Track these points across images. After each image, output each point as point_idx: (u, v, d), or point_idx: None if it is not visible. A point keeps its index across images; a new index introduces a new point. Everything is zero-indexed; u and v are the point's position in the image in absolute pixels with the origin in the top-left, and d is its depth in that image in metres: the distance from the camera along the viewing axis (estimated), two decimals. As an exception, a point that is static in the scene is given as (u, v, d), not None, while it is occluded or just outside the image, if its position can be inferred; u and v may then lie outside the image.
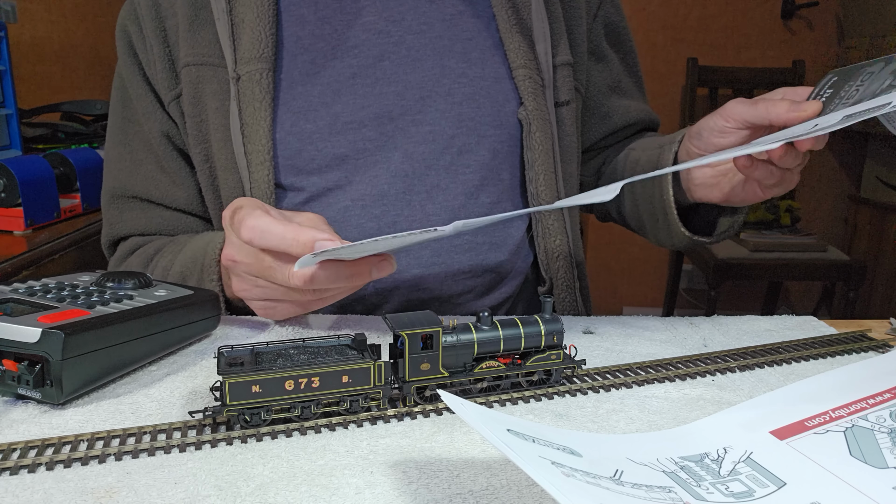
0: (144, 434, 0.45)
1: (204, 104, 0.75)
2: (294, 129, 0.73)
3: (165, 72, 0.77)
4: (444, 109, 0.75)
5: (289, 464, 0.42)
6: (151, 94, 0.80)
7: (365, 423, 0.47)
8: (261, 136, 0.71)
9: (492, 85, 0.76)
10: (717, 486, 0.38)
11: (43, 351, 0.47)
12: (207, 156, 0.77)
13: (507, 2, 0.77)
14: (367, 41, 0.75)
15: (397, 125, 0.74)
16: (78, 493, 0.38)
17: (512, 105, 0.77)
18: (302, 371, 0.45)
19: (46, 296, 0.55)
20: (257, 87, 0.71)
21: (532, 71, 0.77)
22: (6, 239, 1.10)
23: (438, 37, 0.76)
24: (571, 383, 0.53)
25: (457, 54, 0.76)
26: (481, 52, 0.77)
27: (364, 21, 0.75)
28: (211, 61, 0.75)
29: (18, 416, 0.47)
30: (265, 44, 0.72)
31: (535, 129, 0.76)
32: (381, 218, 0.74)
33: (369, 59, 0.74)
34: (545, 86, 0.78)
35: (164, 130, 0.80)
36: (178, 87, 0.78)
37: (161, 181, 0.81)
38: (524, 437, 0.37)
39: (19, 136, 1.37)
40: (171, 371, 0.55)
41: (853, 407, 0.44)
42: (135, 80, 0.80)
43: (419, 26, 0.76)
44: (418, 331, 0.48)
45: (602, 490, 0.34)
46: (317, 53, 0.74)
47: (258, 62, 0.72)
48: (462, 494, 0.39)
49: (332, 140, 0.73)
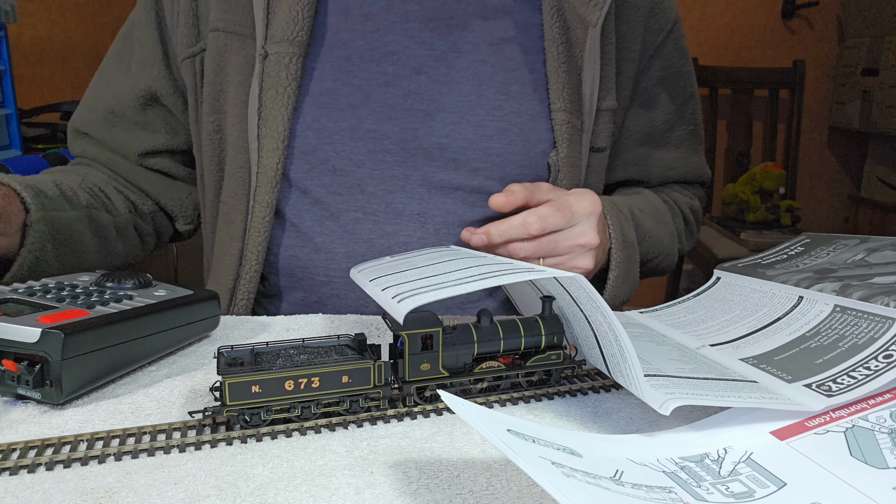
0: (144, 434, 0.45)
1: (226, 74, 0.73)
2: (315, 124, 0.71)
3: (188, 27, 0.74)
4: (472, 140, 0.72)
5: (289, 464, 0.42)
6: (159, 46, 0.77)
7: (365, 423, 0.47)
8: (277, 123, 0.69)
9: (527, 123, 0.73)
10: (718, 486, 0.38)
11: (42, 351, 0.47)
12: (220, 126, 0.75)
13: (560, 37, 0.73)
14: (407, 49, 0.72)
15: (421, 145, 0.72)
16: (78, 494, 0.38)
17: (544, 146, 0.73)
18: (302, 371, 0.45)
19: (46, 296, 0.55)
20: (284, 71, 0.69)
21: (572, 115, 0.73)
22: (6, 239, 1.10)
23: (482, 61, 0.72)
24: (571, 383, 0.53)
25: (497, 84, 0.72)
26: (521, 86, 0.73)
27: (409, 27, 0.72)
28: (241, 31, 0.71)
29: (18, 416, 0.47)
30: (301, 26, 0.69)
31: (563, 176, 0.74)
32: (393, 236, 0.72)
33: (406, 70, 0.72)
34: (584, 130, 0.75)
35: (154, 88, 0.78)
36: (197, 44, 0.75)
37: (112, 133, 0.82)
38: (524, 437, 0.37)
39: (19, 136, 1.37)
40: (171, 371, 0.55)
41: (853, 407, 0.44)
42: (147, 26, 0.77)
43: (464, 45, 0.72)
44: (418, 331, 0.48)
45: (602, 490, 0.34)
46: (354, 51, 0.71)
47: (290, 45, 0.69)
48: (462, 494, 0.39)
49: (351, 144, 0.71)
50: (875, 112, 2.33)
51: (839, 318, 0.51)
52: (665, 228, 0.85)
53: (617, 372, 0.47)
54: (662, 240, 0.84)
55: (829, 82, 2.64)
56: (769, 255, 0.69)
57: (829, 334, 0.50)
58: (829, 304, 0.53)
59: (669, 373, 0.47)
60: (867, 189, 2.58)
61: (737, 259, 0.70)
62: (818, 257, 0.65)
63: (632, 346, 0.43)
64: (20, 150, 1.37)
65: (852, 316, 0.51)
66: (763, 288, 0.60)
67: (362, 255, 0.73)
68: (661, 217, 0.85)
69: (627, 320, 0.63)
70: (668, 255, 0.87)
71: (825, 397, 0.44)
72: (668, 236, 0.86)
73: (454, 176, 0.72)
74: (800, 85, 2.43)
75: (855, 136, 2.63)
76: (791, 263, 0.65)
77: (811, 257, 0.65)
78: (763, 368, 0.49)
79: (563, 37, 0.73)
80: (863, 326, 0.49)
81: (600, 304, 0.45)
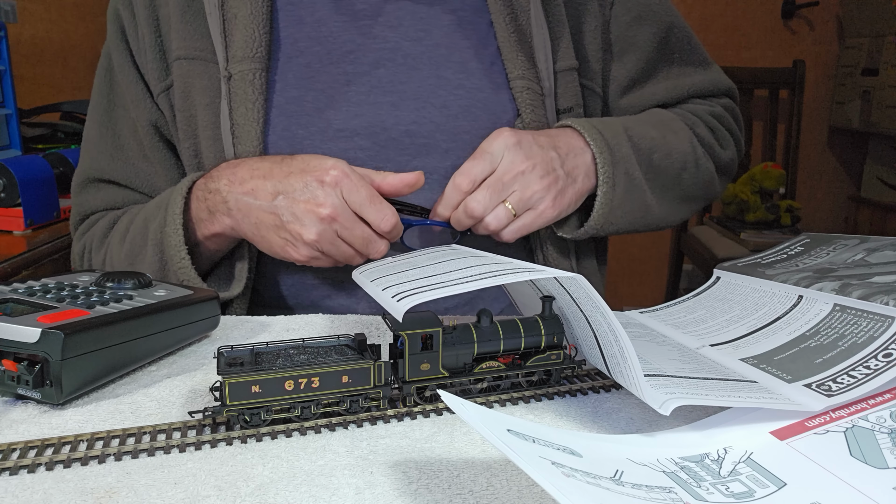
0: (144, 434, 0.45)
1: (193, 99, 0.74)
2: (286, 133, 0.72)
3: (156, 62, 0.76)
4: (439, 122, 0.73)
5: (289, 464, 0.42)
6: (141, 82, 0.78)
7: (365, 423, 0.47)
8: (252, 138, 0.70)
9: (489, 97, 0.74)
10: (718, 486, 0.38)
11: (42, 351, 0.47)
12: (196, 151, 0.76)
13: (505, 9, 0.75)
14: (363, 46, 0.73)
15: (391, 135, 0.73)
16: (77, 494, 0.38)
17: (509, 116, 0.75)
18: (302, 371, 0.45)
19: (46, 296, 0.55)
20: (250, 87, 0.70)
21: (531, 81, 0.74)
22: (6, 239, 1.10)
23: (436, 45, 0.74)
24: (571, 383, 0.53)
25: (454, 64, 0.74)
26: (479, 62, 0.75)
27: (361, 24, 0.74)
28: (202, 56, 0.73)
29: (18, 416, 0.47)
30: (259, 43, 0.71)
31: None
32: None
33: (365, 66, 0.73)
34: (545, 94, 0.76)
35: (153, 120, 0.79)
36: (168, 78, 0.76)
37: (143, 170, 0.81)
38: (524, 437, 0.37)
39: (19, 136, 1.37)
40: (171, 371, 0.55)
41: (853, 407, 0.44)
42: (125, 66, 0.78)
43: (416, 33, 0.74)
44: (418, 331, 0.48)
45: (602, 490, 0.34)
46: (312, 57, 0.73)
47: (251, 62, 0.70)
48: (462, 494, 0.39)
49: (323, 147, 0.72)
50: (875, 112, 2.33)
51: (839, 317, 0.51)
52: (675, 135, 0.81)
53: (617, 372, 0.47)
54: (670, 142, 0.80)
55: (829, 82, 2.64)
56: (769, 254, 0.69)
57: (828, 333, 0.50)
58: (828, 303, 0.53)
59: (669, 373, 0.47)
60: (867, 189, 2.58)
61: (737, 259, 0.70)
62: (818, 257, 0.65)
63: (632, 346, 0.43)
64: (20, 150, 1.37)
65: (852, 315, 0.51)
66: (763, 287, 0.60)
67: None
68: (664, 123, 0.82)
69: (627, 320, 0.63)
70: (685, 159, 0.82)
71: (825, 397, 0.44)
72: (681, 142, 0.82)
73: (427, 161, 0.73)
74: (800, 85, 2.43)
75: (855, 136, 2.63)
76: (791, 263, 0.65)
77: (811, 257, 0.65)
78: (763, 368, 0.49)
79: (507, 8, 0.75)
80: (862, 325, 0.49)
81: (600, 304, 0.45)
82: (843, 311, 0.51)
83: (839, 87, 2.56)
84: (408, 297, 0.44)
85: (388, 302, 0.45)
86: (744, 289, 0.61)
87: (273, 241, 0.65)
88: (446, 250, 0.60)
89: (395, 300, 0.44)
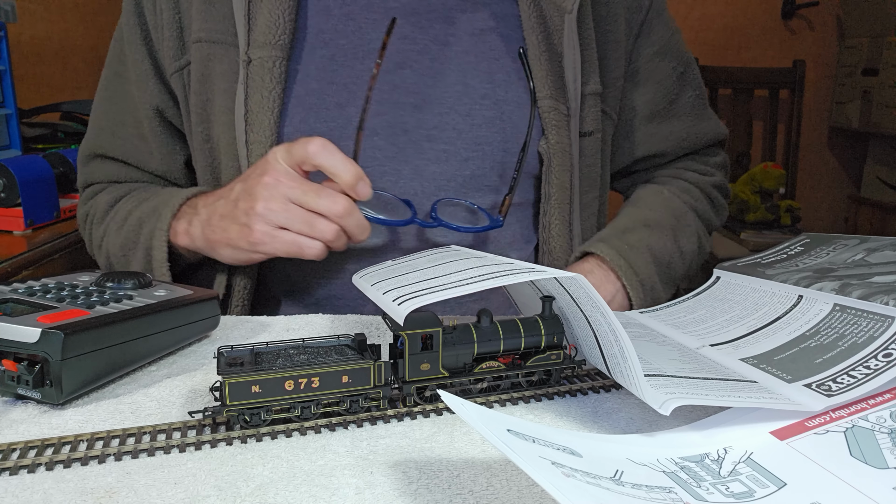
0: (144, 434, 0.45)
1: (211, 84, 0.73)
2: (303, 125, 0.71)
3: (173, 40, 0.75)
4: (461, 130, 0.72)
5: (289, 464, 0.42)
6: (149, 61, 0.77)
7: (365, 423, 0.47)
8: (265, 128, 0.69)
9: (515, 111, 0.74)
10: (718, 486, 0.38)
11: (42, 351, 0.47)
12: (209, 136, 0.75)
13: (538, 26, 0.73)
14: (390, 45, 0.71)
15: (411, 138, 0.72)
16: (77, 494, 0.38)
17: (535, 134, 0.73)
18: (302, 371, 0.45)
19: (46, 296, 0.55)
20: (268, 75, 0.69)
21: (558, 101, 0.74)
22: (6, 239, 1.10)
23: (464, 52, 0.73)
24: (571, 383, 0.53)
25: (481, 73, 0.73)
26: (506, 76, 0.74)
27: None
28: (223, 39, 0.72)
29: (18, 416, 0.47)
30: (282, 30, 0.69)
31: (556, 164, 0.74)
32: (385, 232, 0.73)
33: (390, 66, 0.72)
34: (571, 115, 0.75)
35: (155, 104, 0.78)
36: (183, 57, 0.75)
37: (140, 148, 0.81)
38: (524, 437, 0.37)
39: (19, 136, 1.37)
40: (171, 371, 0.55)
41: (853, 407, 0.44)
42: (135, 43, 0.77)
43: (445, 37, 0.73)
44: (418, 331, 0.48)
45: (602, 490, 0.34)
46: (337, 50, 0.72)
47: (272, 49, 0.69)
48: (462, 494, 0.39)
49: (341, 144, 0.71)
50: (875, 112, 2.33)
51: (839, 316, 0.51)
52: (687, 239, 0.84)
53: (617, 372, 0.47)
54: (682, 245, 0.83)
55: (829, 82, 2.64)
56: (769, 254, 0.69)
57: (828, 333, 0.50)
58: (828, 303, 0.53)
59: (669, 373, 0.47)
60: (867, 189, 2.58)
61: (736, 259, 0.70)
62: (818, 257, 0.65)
63: (632, 346, 0.43)
64: (20, 150, 1.37)
65: (852, 315, 0.51)
66: (763, 287, 0.60)
67: (357, 252, 0.73)
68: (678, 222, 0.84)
69: (627, 320, 0.63)
70: (692, 257, 0.85)
71: (825, 397, 0.44)
72: (690, 241, 0.84)
73: (445, 167, 0.73)
74: (800, 85, 2.43)
75: (855, 136, 2.63)
76: (791, 263, 0.65)
77: (811, 257, 0.65)
78: (763, 368, 0.49)
79: (540, 25, 0.74)
80: (862, 325, 0.49)
81: (600, 304, 0.45)
82: (843, 310, 0.51)
83: (839, 87, 2.56)
84: (409, 300, 0.44)
85: (389, 306, 0.45)
86: (744, 289, 0.61)
87: (231, 231, 0.65)
88: (446, 252, 0.60)
89: (397, 304, 0.44)
